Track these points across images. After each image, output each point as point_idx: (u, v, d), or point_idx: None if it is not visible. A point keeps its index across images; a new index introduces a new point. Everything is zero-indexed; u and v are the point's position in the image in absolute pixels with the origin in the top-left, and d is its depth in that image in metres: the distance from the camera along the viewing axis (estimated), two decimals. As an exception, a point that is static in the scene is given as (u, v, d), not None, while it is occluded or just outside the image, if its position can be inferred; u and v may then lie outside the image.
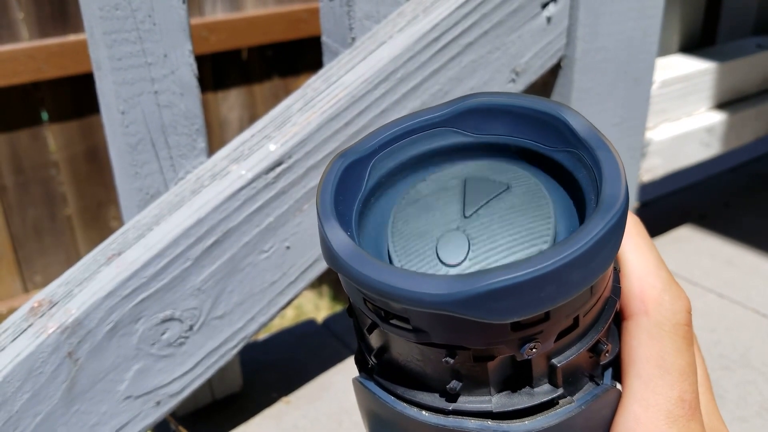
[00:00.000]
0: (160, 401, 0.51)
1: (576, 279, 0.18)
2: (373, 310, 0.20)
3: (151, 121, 0.51)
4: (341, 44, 0.58)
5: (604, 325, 0.22)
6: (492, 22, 0.58)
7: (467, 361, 0.20)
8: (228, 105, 1.85)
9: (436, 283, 0.17)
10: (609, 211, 0.18)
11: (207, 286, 0.50)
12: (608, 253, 0.18)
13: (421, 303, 0.18)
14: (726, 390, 0.65)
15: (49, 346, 0.45)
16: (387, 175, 0.23)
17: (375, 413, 0.23)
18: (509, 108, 0.22)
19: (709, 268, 0.83)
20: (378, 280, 0.18)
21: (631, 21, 0.67)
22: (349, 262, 0.19)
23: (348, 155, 0.22)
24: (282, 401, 0.65)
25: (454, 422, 0.21)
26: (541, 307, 0.18)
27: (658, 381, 0.22)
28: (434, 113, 0.23)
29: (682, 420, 0.22)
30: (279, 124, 0.53)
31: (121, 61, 0.49)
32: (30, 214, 1.67)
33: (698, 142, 0.84)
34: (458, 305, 0.17)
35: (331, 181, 0.21)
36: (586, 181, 0.20)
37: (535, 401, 0.21)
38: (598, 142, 0.20)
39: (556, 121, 0.21)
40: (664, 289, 0.23)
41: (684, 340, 0.23)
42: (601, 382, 0.22)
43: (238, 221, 0.50)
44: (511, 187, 0.21)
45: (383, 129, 0.23)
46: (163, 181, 0.54)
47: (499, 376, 0.21)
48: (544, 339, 0.20)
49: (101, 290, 0.46)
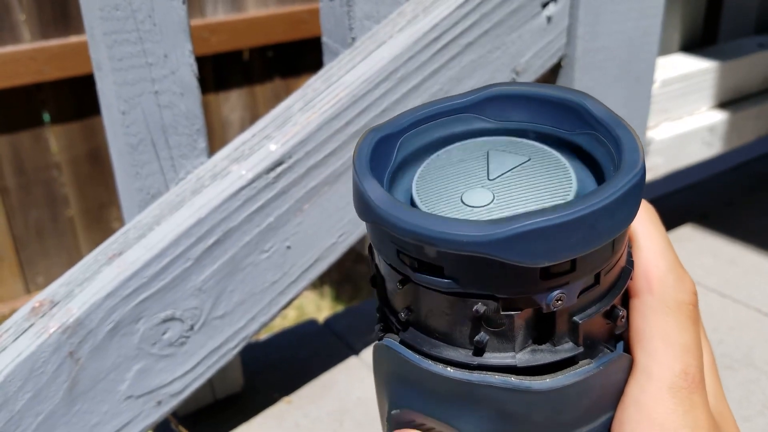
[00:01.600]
0: (161, 401, 0.51)
1: (602, 228, 0.19)
2: (407, 263, 0.21)
3: (151, 122, 0.51)
4: (341, 44, 0.58)
5: (620, 291, 0.23)
6: (492, 21, 0.58)
7: (495, 312, 0.21)
8: (229, 106, 1.85)
9: (473, 226, 0.19)
10: (631, 170, 0.20)
11: (208, 285, 0.50)
12: (630, 209, 0.20)
13: (458, 244, 0.19)
14: (729, 389, 0.65)
15: (50, 345, 0.45)
16: (412, 154, 0.24)
17: (399, 375, 0.24)
18: (530, 95, 0.24)
19: (711, 268, 0.83)
20: (417, 224, 0.19)
21: (632, 20, 0.67)
22: (388, 211, 0.20)
23: (380, 130, 0.23)
24: (283, 401, 0.65)
25: (479, 377, 0.21)
26: (570, 253, 0.19)
27: (663, 355, 0.23)
28: (458, 99, 0.25)
29: (685, 392, 0.23)
30: (279, 124, 0.53)
31: (122, 62, 0.49)
32: (32, 216, 1.67)
33: (700, 142, 0.84)
34: (493, 246, 0.18)
35: (366, 148, 0.22)
36: (605, 158, 0.22)
37: (557, 357, 0.22)
38: (616, 123, 0.22)
39: (576, 105, 0.23)
40: (669, 269, 0.24)
41: (688, 318, 0.24)
42: (614, 349, 0.23)
43: (238, 221, 0.50)
44: (532, 159, 0.23)
45: (410, 112, 0.24)
46: (163, 182, 0.54)
47: (524, 332, 0.22)
48: (569, 292, 0.21)
49: (102, 290, 0.46)
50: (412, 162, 0.24)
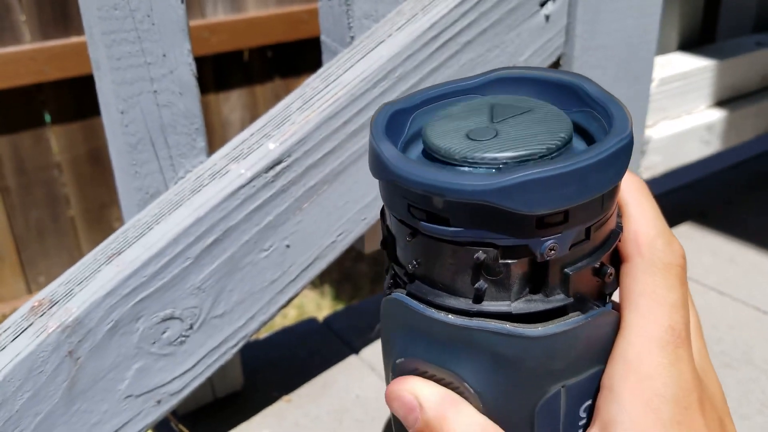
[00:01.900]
0: (161, 400, 0.51)
1: (593, 182, 0.21)
2: (416, 216, 0.23)
3: (150, 121, 0.51)
4: (340, 43, 0.58)
5: (608, 250, 0.25)
6: (490, 20, 0.58)
7: (494, 260, 0.23)
8: (229, 106, 1.86)
9: (476, 176, 0.21)
10: (620, 134, 0.22)
11: (207, 284, 0.51)
12: (619, 167, 0.22)
13: (463, 194, 0.21)
14: (728, 388, 0.65)
15: (49, 345, 0.45)
16: (422, 130, 0.26)
17: (404, 325, 0.26)
18: (532, 77, 0.26)
19: (711, 266, 0.83)
20: (426, 177, 0.21)
21: (630, 19, 0.67)
22: (400, 167, 0.22)
23: (394, 104, 0.26)
24: (283, 400, 0.65)
25: (477, 323, 0.24)
26: (564, 203, 0.21)
27: (650, 311, 0.25)
28: (468, 81, 0.27)
29: (671, 346, 0.24)
30: (278, 123, 0.53)
31: (120, 61, 0.49)
32: (33, 216, 1.68)
33: (698, 140, 0.84)
34: (494, 195, 0.20)
35: (382, 118, 0.25)
36: (600, 132, 0.24)
37: (549, 305, 0.24)
38: (609, 100, 0.24)
39: (574, 86, 0.25)
40: (658, 234, 0.26)
41: (676, 278, 0.25)
42: (603, 306, 0.25)
43: (237, 220, 0.50)
44: (533, 110, 0.25)
45: (422, 91, 0.27)
46: (162, 181, 0.54)
47: (520, 282, 0.24)
48: (561, 243, 0.23)
49: (101, 289, 0.47)
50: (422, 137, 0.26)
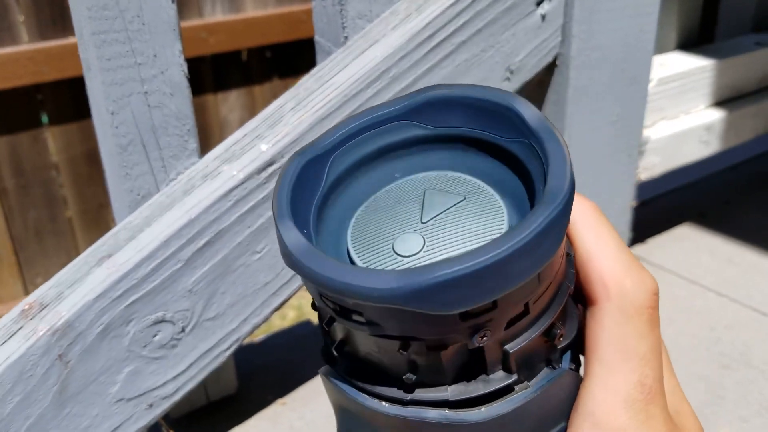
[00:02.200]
0: (153, 404, 0.51)
1: (519, 269, 0.18)
2: (330, 306, 0.21)
3: (141, 122, 0.51)
4: (334, 43, 0.58)
5: (557, 310, 0.22)
6: (485, 20, 0.57)
7: (422, 351, 0.20)
8: (228, 106, 1.85)
9: (383, 278, 0.18)
10: (552, 202, 0.19)
11: (199, 287, 0.50)
12: (551, 243, 0.19)
13: (369, 297, 0.18)
14: (726, 389, 0.65)
15: (39, 348, 0.45)
16: (346, 171, 0.23)
17: (341, 405, 0.24)
18: (463, 100, 0.23)
19: (709, 267, 0.83)
20: (329, 276, 0.19)
21: (627, 18, 0.66)
22: (301, 260, 0.19)
23: (306, 153, 0.23)
24: (278, 403, 0.65)
25: (413, 412, 0.21)
26: (487, 298, 0.18)
27: (619, 365, 0.23)
28: (391, 107, 0.24)
29: (641, 404, 0.22)
30: (271, 123, 0.52)
31: (111, 62, 0.48)
32: (31, 217, 1.67)
33: (697, 140, 0.83)
34: (405, 298, 0.18)
35: (287, 181, 0.22)
36: (537, 172, 0.21)
37: (490, 388, 0.21)
38: (547, 133, 0.21)
39: (508, 111, 0.22)
40: (625, 273, 0.23)
41: (647, 324, 0.23)
42: (558, 366, 0.23)
43: (229, 222, 0.50)
44: (467, 198, 0.22)
45: (341, 125, 0.24)
46: (154, 182, 0.53)
47: (454, 365, 0.21)
48: (495, 327, 0.20)
49: (92, 292, 0.46)
50: (347, 181, 0.23)
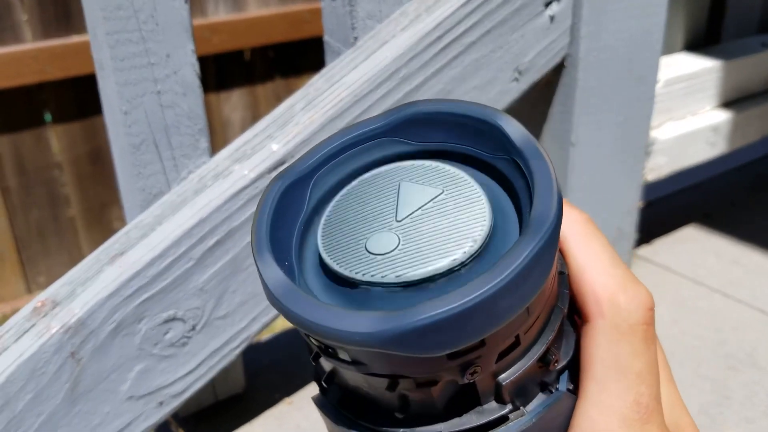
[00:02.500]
0: (163, 402, 0.51)
1: (506, 306, 0.18)
2: (315, 343, 0.20)
3: (153, 122, 0.51)
4: (343, 44, 0.58)
5: (550, 335, 0.21)
6: (494, 21, 0.58)
7: (411, 387, 0.20)
8: (230, 106, 1.85)
9: (365, 321, 0.17)
10: (537, 232, 0.18)
11: (210, 286, 0.50)
12: (539, 275, 0.18)
13: (351, 342, 0.17)
14: (732, 390, 0.65)
15: (52, 346, 0.45)
16: (329, 192, 0.23)
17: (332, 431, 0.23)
18: (447, 117, 0.22)
19: (715, 268, 0.83)
20: (309, 320, 0.18)
21: (635, 19, 0.66)
22: (282, 301, 0.19)
23: (286, 177, 0.22)
24: (285, 402, 0.65)
25: None
26: (474, 337, 0.18)
27: (614, 384, 0.22)
28: (374, 124, 0.23)
29: (637, 423, 0.22)
30: (281, 123, 0.52)
31: (124, 62, 0.49)
32: (33, 216, 1.67)
33: (703, 141, 0.83)
34: (388, 342, 0.17)
35: (267, 209, 0.21)
36: (523, 191, 0.20)
37: (484, 419, 0.21)
38: (532, 152, 0.20)
39: (492, 128, 0.21)
40: (618, 289, 0.23)
41: (642, 341, 0.23)
42: (554, 389, 0.22)
43: (240, 221, 0.50)
44: (446, 191, 0.21)
45: (323, 145, 0.23)
46: (165, 182, 0.54)
47: (447, 398, 0.20)
48: (484, 362, 0.19)
49: (104, 290, 0.46)
50: (330, 202, 0.23)
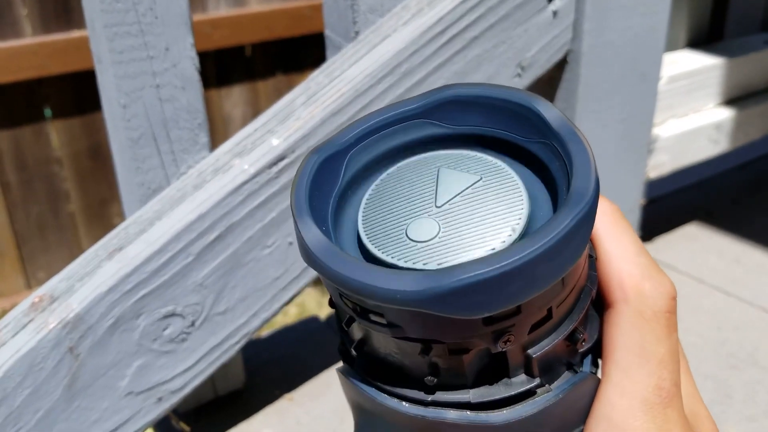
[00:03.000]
0: (162, 397, 0.51)
1: (544, 273, 0.18)
2: (349, 306, 0.20)
3: (152, 115, 0.51)
4: (344, 38, 0.58)
5: (579, 314, 0.22)
6: (497, 15, 0.57)
7: (443, 354, 0.20)
8: (231, 101, 1.85)
9: (407, 280, 0.18)
10: (577, 204, 0.18)
11: (209, 281, 0.50)
12: (576, 247, 0.18)
13: (391, 300, 0.18)
14: (734, 389, 0.65)
15: (50, 341, 0.45)
16: (363, 169, 0.23)
17: (359, 404, 0.23)
18: (484, 99, 0.22)
19: (717, 266, 0.83)
20: (350, 277, 0.18)
21: (639, 16, 0.66)
22: (322, 260, 0.19)
23: (323, 150, 0.22)
24: (285, 398, 0.65)
25: (434, 413, 0.21)
26: (511, 302, 0.18)
27: (636, 369, 0.23)
28: (409, 105, 0.23)
29: (659, 407, 0.22)
30: (282, 118, 0.52)
31: (123, 55, 0.48)
32: (33, 211, 1.67)
33: (706, 139, 0.83)
34: (428, 302, 0.17)
35: (305, 178, 0.21)
36: (560, 173, 0.21)
37: (512, 391, 0.21)
38: (570, 134, 0.20)
39: (529, 112, 0.21)
40: (643, 276, 0.23)
41: (665, 328, 0.23)
42: (579, 370, 0.23)
43: (240, 216, 0.50)
44: (484, 178, 0.21)
45: (359, 123, 0.23)
46: (164, 176, 0.53)
47: (476, 368, 0.21)
48: (518, 331, 0.20)
49: (102, 285, 0.46)
50: (363, 178, 0.23)
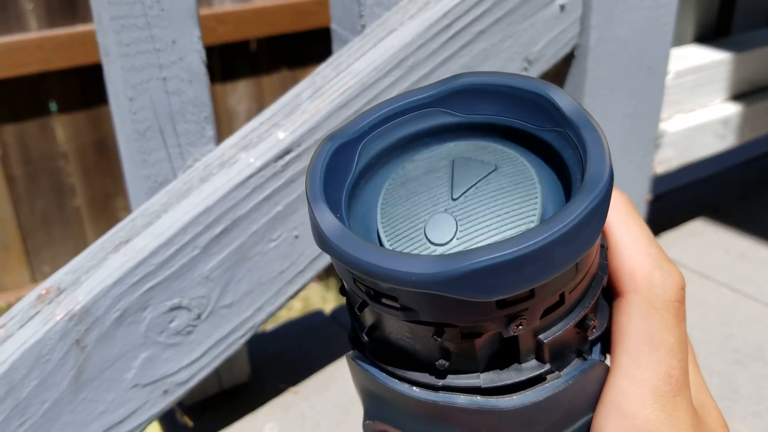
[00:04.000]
0: (168, 390, 0.51)
1: (559, 257, 0.18)
2: (363, 290, 0.20)
3: (159, 108, 0.51)
4: (351, 32, 0.58)
5: (590, 301, 0.22)
6: (504, 9, 0.57)
7: (455, 338, 0.20)
8: (236, 96, 1.85)
9: (422, 262, 0.18)
10: (593, 190, 0.18)
11: (215, 274, 0.50)
12: (592, 232, 0.19)
13: (407, 282, 0.18)
14: (739, 385, 0.64)
15: (56, 333, 0.45)
16: (376, 157, 0.23)
17: (368, 389, 0.23)
18: (497, 88, 0.22)
19: (722, 262, 0.82)
20: (365, 261, 0.18)
21: (646, 10, 0.66)
22: (337, 243, 0.19)
23: (337, 138, 0.22)
24: (290, 391, 0.65)
25: (444, 398, 0.21)
26: (525, 285, 0.18)
27: (646, 357, 0.23)
28: (423, 94, 0.23)
29: (668, 395, 0.23)
30: (288, 111, 0.52)
31: (129, 47, 0.48)
32: (39, 205, 1.67)
33: (713, 134, 0.83)
34: (443, 284, 0.18)
35: (320, 165, 0.21)
36: (573, 161, 0.21)
37: (522, 377, 0.21)
38: (584, 122, 0.20)
39: (542, 100, 0.21)
40: (654, 266, 0.24)
41: (674, 318, 0.23)
42: (588, 357, 0.23)
43: (246, 209, 0.50)
44: (498, 168, 0.21)
45: (372, 111, 0.23)
46: (171, 169, 0.53)
47: (487, 353, 0.21)
48: (530, 316, 0.20)
49: (109, 278, 0.46)
50: (377, 166, 0.23)
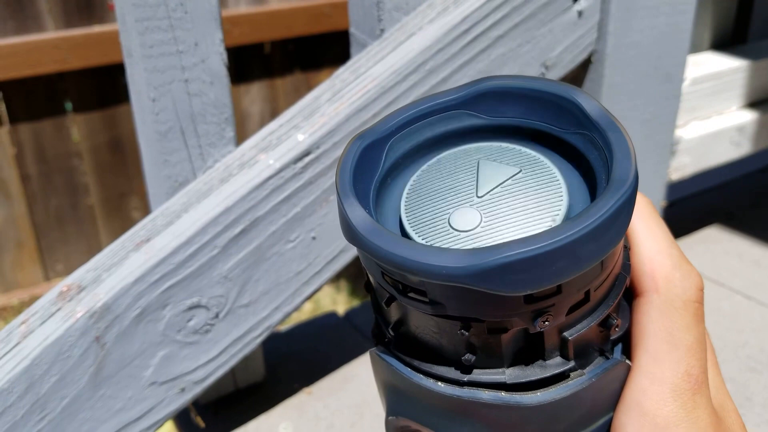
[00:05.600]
0: (185, 388, 0.51)
1: (587, 253, 0.18)
2: (391, 284, 0.21)
3: (180, 110, 0.51)
4: (369, 36, 0.58)
5: (614, 300, 0.22)
6: (523, 14, 0.57)
7: (482, 333, 0.21)
8: (250, 98, 1.86)
9: (453, 256, 0.18)
10: (620, 188, 0.19)
11: (234, 274, 0.50)
12: (618, 229, 0.19)
13: (437, 275, 0.18)
14: (753, 392, 0.64)
15: (77, 330, 0.45)
16: (403, 157, 0.23)
17: (392, 384, 0.24)
18: (523, 91, 0.23)
19: (737, 269, 0.82)
20: (395, 254, 0.19)
21: (664, 16, 0.66)
22: (367, 237, 0.19)
23: (366, 137, 0.23)
24: (304, 392, 0.65)
25: (469, 393, 0.21)
26: (554, 281, 0.18)
27: (666, 356, 0.23)
28: (449, 96, 0.23)
29: (688, 393, 0.23)
30: (307, 114, 0.53)
31: (153, 49, 0.49)
32: (53, 204, 1.69)
33: (728, 141, 0.82)
34: (473, 277, 0.18)
35: (350, 161, 0.22)
36: (598, 163, 0.21)
37: (547, 373, 0.22)
38: (609, 124, 0.21)
39: (568, 103, 0.22)
40: (674, 267, 0.24)
41: (694, 317, 0.24)
42: (611, 356, 0.23)
43: (265, 210, 0.50)
44: (523, 169, 0.22)
45: (400, 111, 0.23)
46: (191, 170, 0.54)
47: (513, 349, 0.21)
48: (556, 312, 0.20)
49: (129, 276, 0.47)
50: (403, 166, 0.24)
